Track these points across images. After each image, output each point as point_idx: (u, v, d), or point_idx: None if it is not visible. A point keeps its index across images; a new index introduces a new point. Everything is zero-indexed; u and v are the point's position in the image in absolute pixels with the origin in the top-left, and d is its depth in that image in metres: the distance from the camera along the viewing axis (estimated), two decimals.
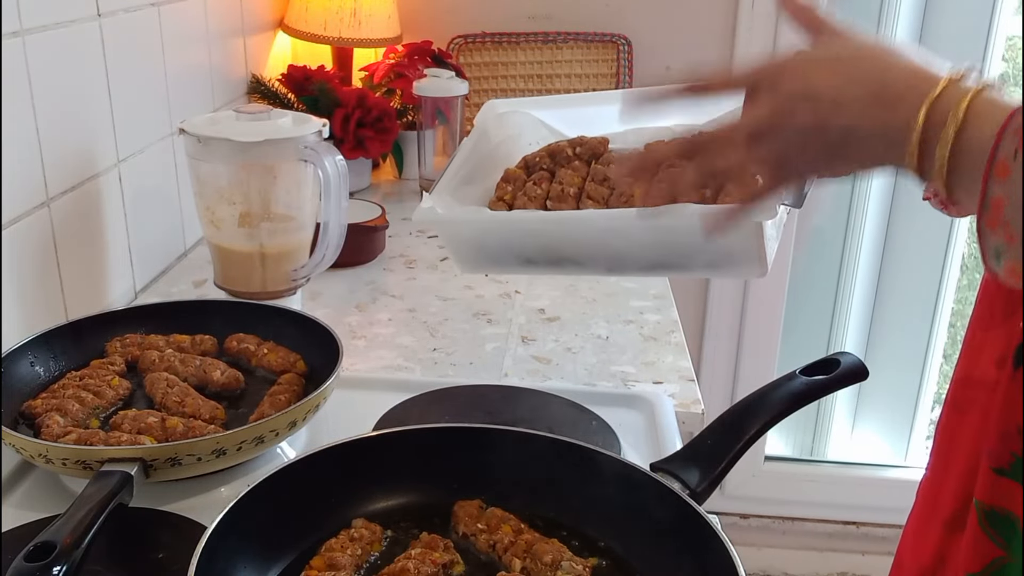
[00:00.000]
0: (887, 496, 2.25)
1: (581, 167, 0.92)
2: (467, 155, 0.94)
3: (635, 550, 0.74)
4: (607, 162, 0.91)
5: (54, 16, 1.04)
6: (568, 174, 0.91)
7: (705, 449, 0.78)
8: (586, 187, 0.90)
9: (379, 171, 1.93)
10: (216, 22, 1.54)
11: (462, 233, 0.89)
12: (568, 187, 0.88)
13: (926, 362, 2.30)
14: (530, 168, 0.94)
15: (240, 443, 0.81)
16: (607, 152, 0.93)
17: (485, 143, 0.97)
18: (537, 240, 0.87)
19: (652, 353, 1.17)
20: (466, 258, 0.92)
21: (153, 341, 1.00)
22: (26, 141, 1.00)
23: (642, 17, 1.97)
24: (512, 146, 0.97)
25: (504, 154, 0.96)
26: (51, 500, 0.83)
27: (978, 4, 2.02)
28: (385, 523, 0.77)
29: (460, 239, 0.90)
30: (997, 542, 0.72)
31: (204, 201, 1.14)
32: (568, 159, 0.93)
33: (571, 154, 0.93)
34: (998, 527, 0.72)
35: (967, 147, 0.57)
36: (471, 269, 0.94)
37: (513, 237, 0.87)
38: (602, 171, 0.91)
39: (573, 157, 0.93)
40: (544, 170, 0.93)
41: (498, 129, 0.98)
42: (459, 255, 0.92)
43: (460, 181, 0.91)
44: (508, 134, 0.98)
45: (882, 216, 2.20)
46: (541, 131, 0.99)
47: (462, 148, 0.94)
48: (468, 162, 0.93)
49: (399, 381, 1.07)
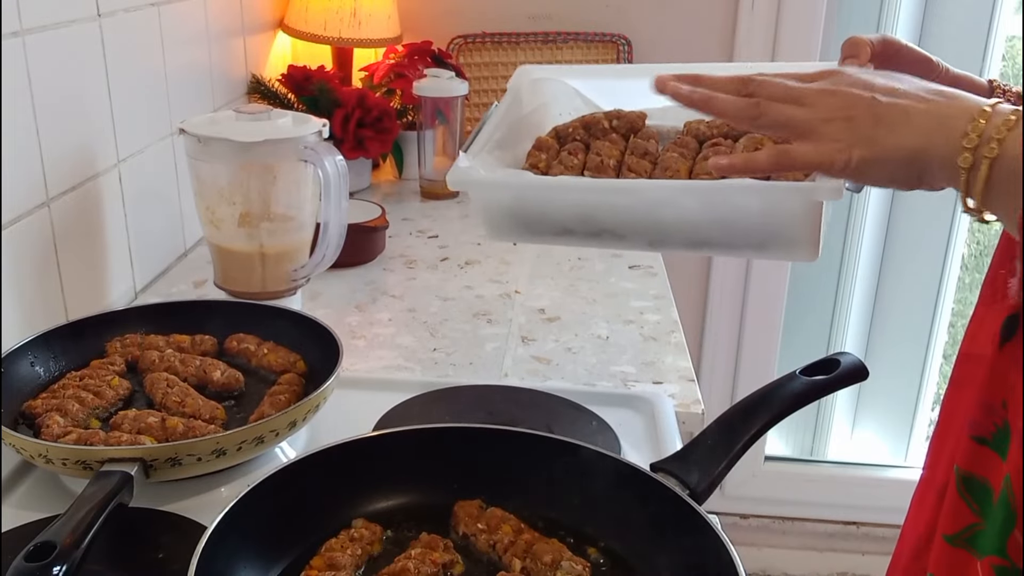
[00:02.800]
0: (887, 496, 2.26)
1: (618, 140, 0.89)
2: (499, 120, 0.90)
3: (635, 550, 0.74)
4: (646, 137, 0.88)
5: (54, 16, 1.04)
6: (606, 146, 0.88)
7: (705, 449, 0.78)
8: (626, 160, 0.87)
9: (379, 171, 1.93)
10: (216, 22, 1.54)
11: (501, 197, 0.85)
12: (607, 158, 0.85)
13: (926, 362, 2.30)
14: (562, 139, 0.91)
15: (240, 443, 0.81)
16: (645, 127, 0.91)
17: (517, 109, 0.93)
18: (579, 209, 0.83)
19: (652, 353, 1.17)
20: (499, 224, 0.87)
21: (153, 341, 1.00)
22: (26, 141, 1.00)
23: (642, 17, 1.97)
24: (544, 114, 0.94)
25: (535, 122, 0.93)
26: (51, 500, 0.83)
27: (978, 4, 2.02)
28: (385, 523, 0.77)
29: (497, 203, 0.86)
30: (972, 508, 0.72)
31: (204, 201, 1.14)
32: (604, 131, 0.90)
33: (608, 127, 0.90)
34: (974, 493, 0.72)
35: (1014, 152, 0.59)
36: (502, 236, 0.89)
37: (554, 204, 0.84)
38: (643, 145, 0.88)
39: (610, 130, 0.90)
40: (578, 141, 0.89)
41: (531, 96, 0.95)
42: (492, 220, 0.87)
43: (494, 145, 0.87)
44: (541, 101, 0.95)
45: (882, 216, 2.20)
46: (575, 101, 0.96)
47: (495, 112, 0.91)
48: (500, 127, 0.90)
49: (399, 381, 1.07)
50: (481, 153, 0.85)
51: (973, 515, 0.72)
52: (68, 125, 1.09)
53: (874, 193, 2.17)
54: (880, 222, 2.21)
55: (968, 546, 0.73)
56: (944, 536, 0.75)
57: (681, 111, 0.90)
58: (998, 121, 0.60)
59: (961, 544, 0.73)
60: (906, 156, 0.64)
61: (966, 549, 0.73)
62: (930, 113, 0.63)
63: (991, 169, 0.60)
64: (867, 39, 0.79)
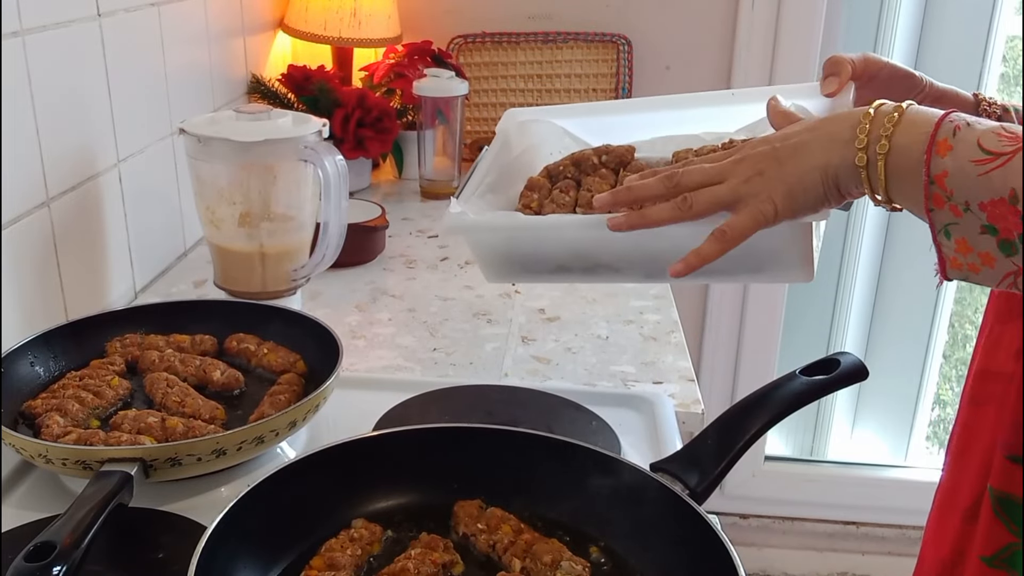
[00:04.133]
0: (887, 496, 2.26)
1: (608, 175, 0.91)
2: (490, 163, 0.92)
3: (635, 550, 0.74)
4: (635, 170, 0.90)
5: (54, 16, 1.04)
6: (596, 182, 0.89)
7: (705, 449, 0.78)
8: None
9: (379, 171, 1.93)
10: (216, 22, 1.54)
11: (494, 239, 0.86)
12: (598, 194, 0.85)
13: (926, 362, 2.30)
14: (553, 178, 0.92)
15: (240, 443, 0.81)
16: (634, 160, 0.92)
17: (507, 152, 0.95)
18: (573, 245, 0.84)
19: (652, 353, 1.17)
20: (496, 266, 0.88)
21: (153, 341, 1.00)
22: (26, 141, 1.00)
23: (642, 17, 1.97)
24: (534, 155, 0.96)
25: (526, 163, 0.95)
26: (51, 500, 0.83)
27: (978, 4, 2.02)
28: (385, 523, 0.77)
29: (491, 246, 0.87)
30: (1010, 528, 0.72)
31: (204, 201, 1.14)
32: (594, 167, 0.91)
33: (597, 162, 0.92)
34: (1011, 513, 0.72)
35: (907, 130, 0.65)
36: (500, 278, 0.90)
37: (547, 242, 0.85)
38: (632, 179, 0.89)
39: (599, 165, 0.92)
40: (569, 179, 0.91)
41: (520, 138, 0.97)
42: (488, 263, 0.88)
43: (486, 189, 0.89)
44: (530, 143, 0.97)
45: (882, 216, 2.20)
46: (564, 140, 0.97)
47: (485, 156, 0.92)
48: (491, 171, 0.91)
49: (399, 381, 1.07)
50: (472, 198, 0.86)
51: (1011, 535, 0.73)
52: (68, 125, 1.09)
53: None
54: (880, 222, 2.21)
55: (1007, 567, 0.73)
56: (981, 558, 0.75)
57: (670, 141, 0.93)
58: (882, 119, 0.66)
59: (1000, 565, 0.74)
60: (816, 177, 0.69)
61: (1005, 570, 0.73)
62: (821, 134, 0.69)
63: (886, 163, 0.65)
64: (848, 57, 0.84)
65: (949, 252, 0.63)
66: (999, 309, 0.78)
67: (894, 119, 0.65)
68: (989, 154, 0.60)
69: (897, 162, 0.65)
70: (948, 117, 0.64)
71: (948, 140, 0.62)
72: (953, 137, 0.62)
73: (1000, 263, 0.61)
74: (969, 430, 0.80)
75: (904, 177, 0.65)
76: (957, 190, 0.61)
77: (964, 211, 0.61)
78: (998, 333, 0.77)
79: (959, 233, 0.62)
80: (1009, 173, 0.59)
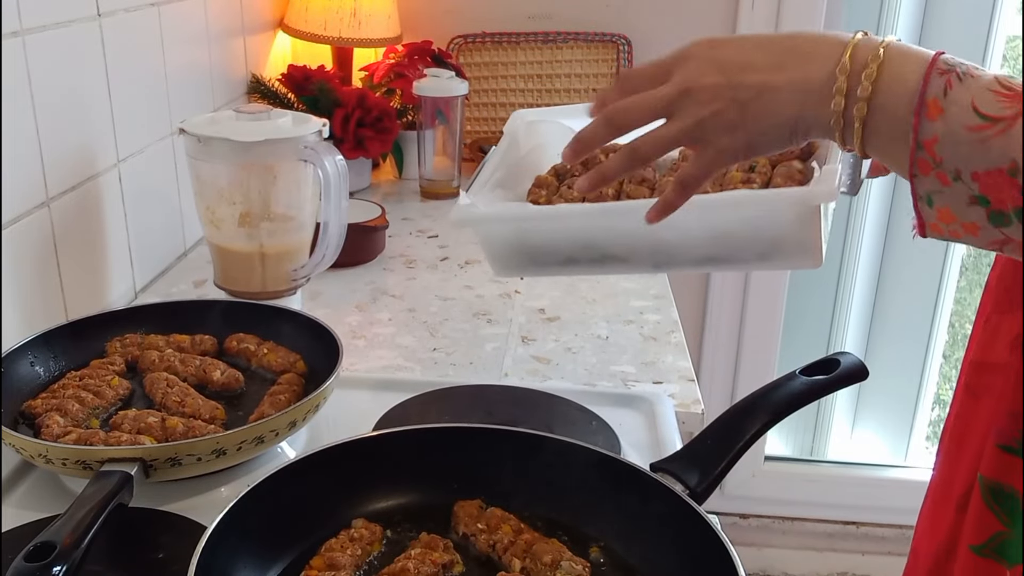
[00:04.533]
0: (887, 496, 2.26)
1: None
2: (498, 162, 0.93)
3: (635, 550, 0.74)
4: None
5: (54, 16, 1.04)
6: None
7: (705, 449, 0.78)
8: (624, 188, 0.89)
9: (379, 171, 1.93)
10: (216, 22, 1.54)
11: (503, 231, 0.86)
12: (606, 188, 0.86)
13: (926, 362, 2.30)
14: (560, 176, 0.93)
15: (240, 443, 0.81)
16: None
17: (515, 151, 0.96)
18: (581, 235, 0.84)
19: (652, 353, 1.17)
20: (505, 258, 0.88)
21: (153, 341, 1.00)
22: (26, 141, 1.00)
23: (642, 17, 1.97)
24: (541, 154, 0.97)
25: (534, 162, 0.96)
26: (51, 500, 0.83)
27: (978, 4, 2.02)
28: (385, 523, 0.77)
29: (500, 237, 0.87)
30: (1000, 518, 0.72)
31: (204, 201, 1.14)
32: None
33: (604, 159, 0.92)
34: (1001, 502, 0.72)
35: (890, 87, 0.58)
36: (508, 271, 0.90)
37: (556, 233, 0.85)
38: (640, 173, 0.90)
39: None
40: (576, 175, 0.92)
41: (527, 137, 0.97)
42: (497, 255, 0.88)
43: (495, 184, 0.89)
44: (537, 142, 0.97)
45: (882, 216, 2.20)
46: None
47: (493, 155, 0.93)
48: (499, 169, 0.92)
49: (399, 381, 1.07)
50: (482, 191, 0.87)
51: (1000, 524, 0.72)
52: (68, 125, 1.09)
53: (874, 193, 2.17)
54: (880, 222, 2.21)
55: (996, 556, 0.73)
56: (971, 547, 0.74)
57: None
58: (864, 57, 0.59)
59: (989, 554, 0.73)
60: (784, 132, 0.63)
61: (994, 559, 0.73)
62: (792, 79, 0.61)
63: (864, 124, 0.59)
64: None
65: (930, 219, 0.59)
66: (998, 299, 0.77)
67: (879, 57, 0.58)
68: (986, 119, 0.54)
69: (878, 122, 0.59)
70: (937, 65, 0.57)
71: (939, 101, 0.56)
72: (944, 98, 0.56)
73: (986, 232, 0.57)
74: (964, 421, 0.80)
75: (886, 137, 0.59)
76: (948, 158, 0.56)
77: (953, 180, 0.56)
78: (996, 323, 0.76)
79: (943, 202, 0.57)
80: (1009, 142, 0.53)
